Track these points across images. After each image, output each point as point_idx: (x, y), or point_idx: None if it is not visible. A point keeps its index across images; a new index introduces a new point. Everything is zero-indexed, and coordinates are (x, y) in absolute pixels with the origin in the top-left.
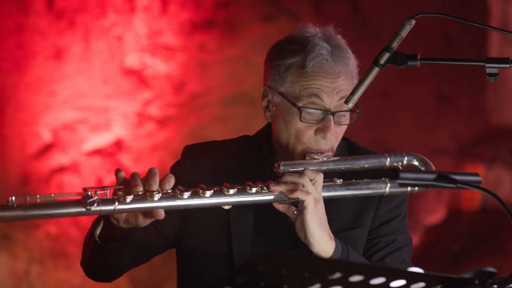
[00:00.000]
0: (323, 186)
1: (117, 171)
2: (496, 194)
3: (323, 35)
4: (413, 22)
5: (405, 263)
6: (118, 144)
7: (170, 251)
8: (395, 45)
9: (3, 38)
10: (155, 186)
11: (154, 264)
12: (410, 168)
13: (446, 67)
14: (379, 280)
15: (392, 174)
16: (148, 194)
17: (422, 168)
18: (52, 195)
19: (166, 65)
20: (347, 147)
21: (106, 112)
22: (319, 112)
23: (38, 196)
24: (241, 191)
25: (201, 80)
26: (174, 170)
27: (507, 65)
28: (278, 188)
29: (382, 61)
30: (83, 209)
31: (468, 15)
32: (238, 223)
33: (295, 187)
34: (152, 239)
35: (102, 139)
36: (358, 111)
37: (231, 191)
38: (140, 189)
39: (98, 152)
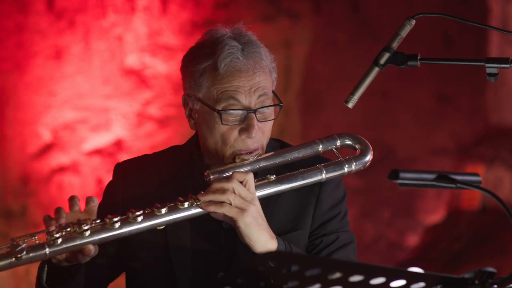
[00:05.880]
0: (257, 185)
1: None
2: (496, 194)
3: (233, 33)
4: (413, 22)
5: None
6: (118, 144)
7: None
8: (395, 45)
9: (3, 38)
10: (82, 215)
11: None
12: (345, 149)
13: (446, 67)
14: (379, 280)
15: (392, 174)
16: (78, 230)
17: (357, 146)
18: None
19: (166, 65)
20: (281, 148)
21: (106, 112)
22: (240, 112)
23: None
24: (173, 208)
25: None
26: (107, 190)
27: (507, 65)
28: (207, 198)
29: (382, 61)
30: (14, 260)
31: (468, 15)
32: (175, 237)
33: (221, 202)
34: (99, 268)
35: (102, 139)
36: (280, 104)
37: (163, 211)
38: (63, 221)
39: (98, 152)
